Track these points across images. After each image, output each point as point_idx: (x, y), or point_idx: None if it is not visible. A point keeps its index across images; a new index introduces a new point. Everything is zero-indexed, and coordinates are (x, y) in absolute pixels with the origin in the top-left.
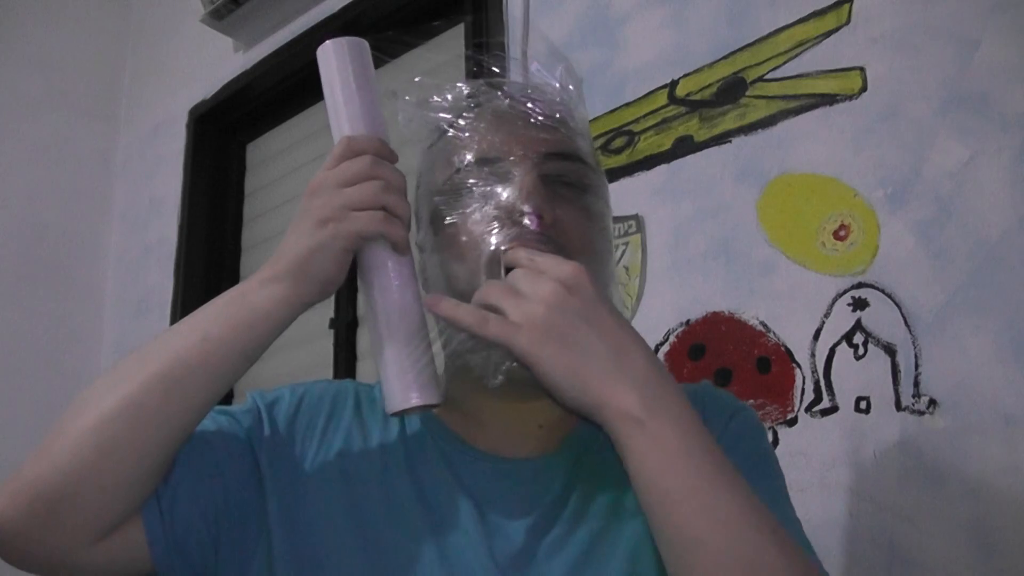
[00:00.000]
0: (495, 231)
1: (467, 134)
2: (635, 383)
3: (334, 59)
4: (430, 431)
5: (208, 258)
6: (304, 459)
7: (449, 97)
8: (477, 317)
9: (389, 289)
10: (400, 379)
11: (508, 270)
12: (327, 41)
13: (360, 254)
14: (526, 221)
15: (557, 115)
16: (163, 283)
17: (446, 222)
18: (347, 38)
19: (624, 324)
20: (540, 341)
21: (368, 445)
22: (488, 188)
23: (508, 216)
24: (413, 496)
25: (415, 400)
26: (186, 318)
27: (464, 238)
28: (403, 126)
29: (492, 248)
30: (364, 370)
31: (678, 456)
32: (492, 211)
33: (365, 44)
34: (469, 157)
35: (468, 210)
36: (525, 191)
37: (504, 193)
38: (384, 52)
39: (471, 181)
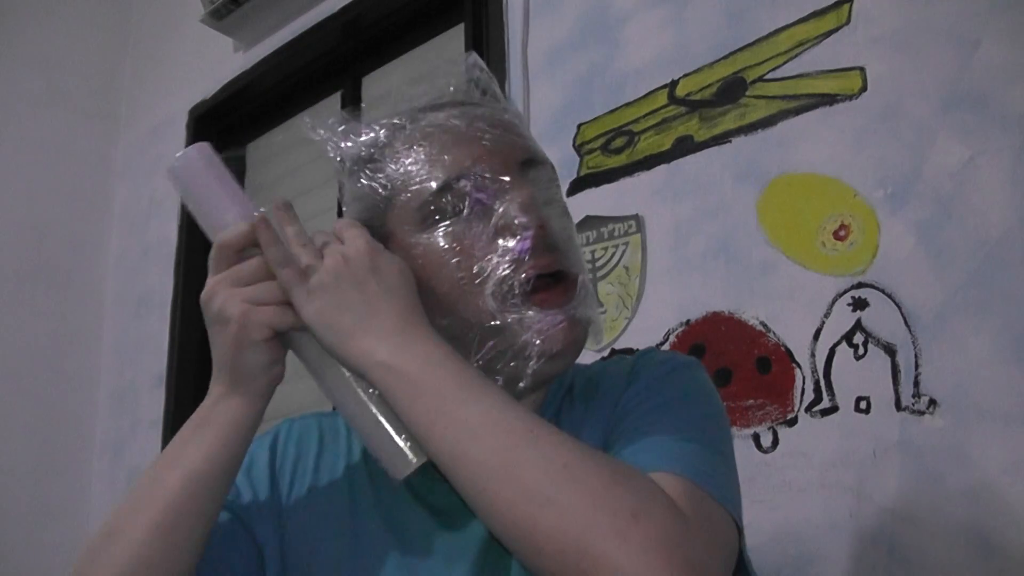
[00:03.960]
0: (499, 249)
1: (436, 150)
2: (381, 336)
3: (187, 170)
4: None
5: (208, 258)
6: (284, 511)
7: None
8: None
9: (343, 372)
10: (394, 444)
11: (528, 296)
12: (174, 159)
13: (292, 346)
14: (526, 233)
15: (511, 119)
16: (163, 283)
17: (440, 244)
18: (192, 147)
19: (386, 289)
20: (317, 306)
21: (335, 483)
22: (480, 210)
23: (509, 231)
24: (382, 527)
25: (417, 460)
26: (166, 452)
27: (463, 259)
28: (332, 153)
29: (504, 269)
30: None
31: (426, 387)
32: (491, 228)
33: (207, 145)
34: (445, 176)
35: (461, 229)
36: (523, 205)
37: (500, 214)
38: (384, 55)
39: (461, 199)
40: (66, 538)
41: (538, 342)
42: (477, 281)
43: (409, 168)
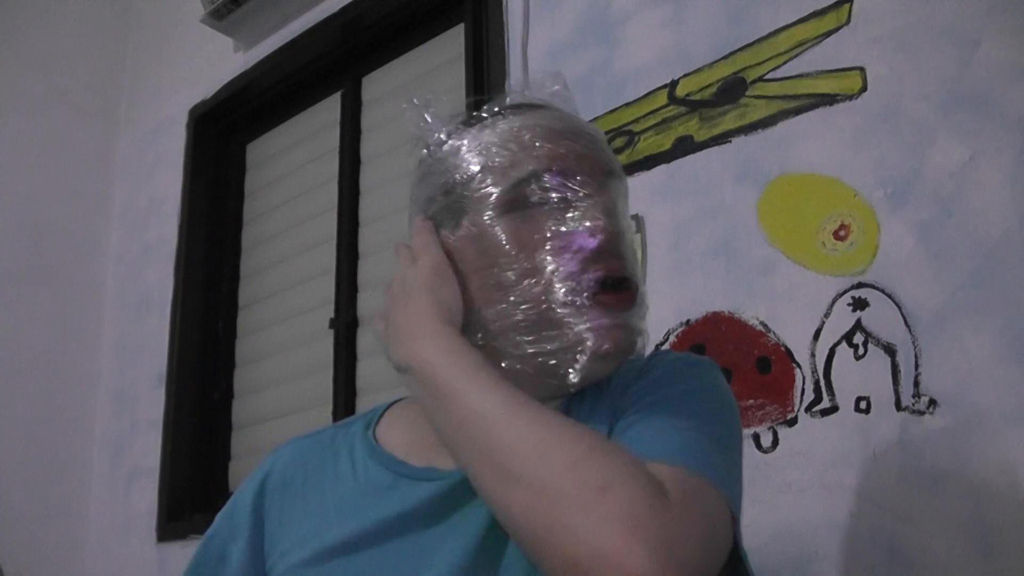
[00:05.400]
0: (574, 245)
1: (530, 141)
2: (400, 345)
3: None
4: (382, 465)
5: (208, 258)
6: (272, 544)
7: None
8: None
9: None
10: None
11: (594, 294)
12: None
13: None
14: (602, 236)
15: (598, 133)
16: (163, 283)
17: (516, 230)
18: None
19: (426, 302)
20: (382, 320)
21: (323, 500)
22: (563, 205)
23: (587, 230)
24: (375, 530)
25: None
26: None
27: (537, 248)
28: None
29: (575, 265)
30: (364, 370)
31: (426, 384)
32: (570, 224)
33: None
34: (536, 166)
35: (541, 219)
36: (605, 208)
37: (581, 212)
38: (384, 55)
39: (545, 191)
40: (66, 538)
41: (592, 339)
42: (547, 271)
43: (502, 152)
